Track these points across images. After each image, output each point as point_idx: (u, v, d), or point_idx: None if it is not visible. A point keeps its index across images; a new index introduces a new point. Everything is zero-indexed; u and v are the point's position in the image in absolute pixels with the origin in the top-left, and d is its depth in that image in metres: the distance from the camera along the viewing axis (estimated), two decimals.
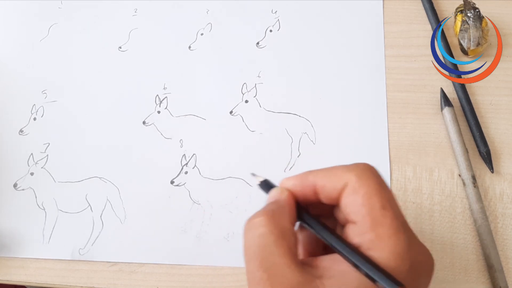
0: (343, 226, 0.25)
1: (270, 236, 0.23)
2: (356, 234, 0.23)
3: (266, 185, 0.28)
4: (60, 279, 0.37)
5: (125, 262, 0.37)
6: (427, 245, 0.34)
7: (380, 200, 0.23)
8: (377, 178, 0.24)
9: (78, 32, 0.48)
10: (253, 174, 0.29)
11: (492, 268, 0.34)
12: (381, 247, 0.22)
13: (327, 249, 0.25)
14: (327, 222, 0.27)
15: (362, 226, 0.23)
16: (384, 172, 0.38)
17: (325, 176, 0.25)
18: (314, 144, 0.40)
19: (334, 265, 0.23)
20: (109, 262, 0.37)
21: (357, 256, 0.22)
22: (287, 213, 0.25)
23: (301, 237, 0.27)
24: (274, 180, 0.28)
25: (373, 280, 0.22)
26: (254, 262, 0.23)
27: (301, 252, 0.27)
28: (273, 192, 0.27)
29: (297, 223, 0.26)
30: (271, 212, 0.25)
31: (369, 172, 0.24)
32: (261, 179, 0.28)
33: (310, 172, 0.26)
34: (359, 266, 0.22)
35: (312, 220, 0.25)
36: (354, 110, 0.41)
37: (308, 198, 0.26)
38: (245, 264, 0.24)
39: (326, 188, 0.25)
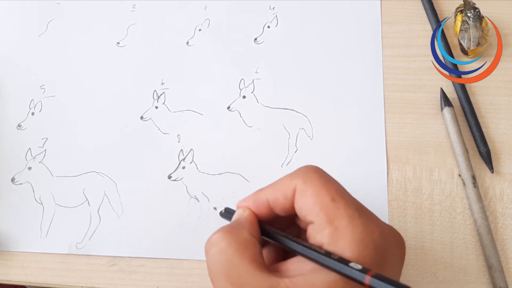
0: (305, 230, 0.25)
1: (230, 249, 0.24)
2: (316, 232, 0.24)
3: (228, 213, 0.29)
4: (60, 279, 0.36)
5: (123, 257, 0.36)
6: (427, 245, 0.35)
7: (328, 194, 0.24)
8: (320, 175, 0.25)
9: (76, 28, 0.48)
10: (215, 208, 0.31)
11: (492, 268, 0.33)
12: (341, 238, 0.23)
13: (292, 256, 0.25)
14: (291, 231, 0.27)
15: (319, 223, 0.24)
16: (381, 167, 0.38)
17: (274, 190, 0.26)
18: (311, 139, 0.40)
19: (301, 265, 0.24)
20: (107, 256, 0.37)
21: (317, 254, 0.23)
22: (246, 226, 0.25)
23: (267, 252, 0.28)
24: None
25: (340, 274, 0.22)
26: (221, 278, 0.23)
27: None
28: (235, 215, 0.27)
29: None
30: (227, 227, 0.25)
31: (312, 172, 0.25)
32: (222, 209, 0.29)
33: (261, 190, 0.27)
34: (322, 263, 0.22)
35: (270, 231, 0.26)
36: (351, 106, 0.41)
37: (265, 215, 0.27)
38: (212, 283, 0.24)
39: (279, 201, 0.26)
